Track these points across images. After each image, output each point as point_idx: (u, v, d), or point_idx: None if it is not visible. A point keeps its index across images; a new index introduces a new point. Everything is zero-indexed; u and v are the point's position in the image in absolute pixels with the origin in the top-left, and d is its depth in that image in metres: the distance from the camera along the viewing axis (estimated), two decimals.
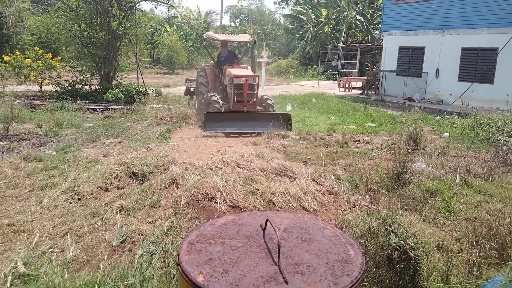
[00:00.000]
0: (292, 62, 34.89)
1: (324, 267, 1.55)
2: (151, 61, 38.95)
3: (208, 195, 5.54)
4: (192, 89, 13.58)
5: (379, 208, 5.25)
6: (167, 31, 38.36)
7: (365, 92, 20.88)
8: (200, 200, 5.45)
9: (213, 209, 5.26)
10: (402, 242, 3.14)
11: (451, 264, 3.57)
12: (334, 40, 33.03)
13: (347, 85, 22.42)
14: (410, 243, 3.15)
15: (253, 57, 11.34)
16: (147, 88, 16.21)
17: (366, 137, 10.03)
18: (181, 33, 38.74)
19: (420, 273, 3.20)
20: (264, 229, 1.79)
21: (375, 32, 30.69)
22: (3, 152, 7.82)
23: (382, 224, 3.49)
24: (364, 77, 22.86)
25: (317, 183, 6.23)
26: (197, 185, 5.77)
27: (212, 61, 12.09)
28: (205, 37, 11.82)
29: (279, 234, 1.60)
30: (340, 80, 24.05)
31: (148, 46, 33.62)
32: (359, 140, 9.55)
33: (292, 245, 1.71)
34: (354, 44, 28.31)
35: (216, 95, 10.52)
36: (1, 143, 8.49)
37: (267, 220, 1.75)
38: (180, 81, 25.83)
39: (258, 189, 5.82)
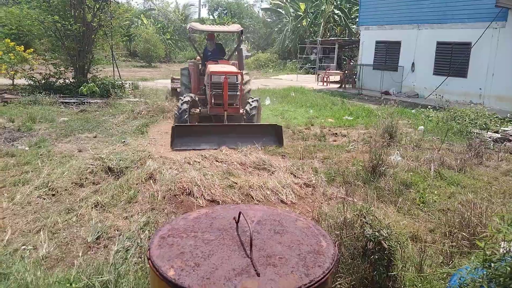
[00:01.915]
0: (271, 56, 34.88)
1: (296, 259, 1.56)
2: (128, 54, 38.28)
3: (186, 189, 5.51)
4: (178, 90, 12.45)
5: (355, 200, 5.32)
6: (144, 23, 37.77)
7: (343, 86, 21.08)
8: (177, 195, 5.41)
9: (191, 204, 5.23)
10: (376, 233, 3.19)
11: (425, 254, 3.66)
12: (312, 34, 33.16)
13: (325, 79, 22.57)
14: (384, 234, 3.20)
15: (240, 50, 9.72)
16: (123, 81, 15.93)
17: (343, 130, 10.13)
18: (159, 25, 38.20)
19: (394, 264, 3.26)
20: (237, 222, 1.79)
21: (353, 26, 30.97)
22: None
23: (357, 215, 3.54)
24: (342, 71, 23.05)
25: (295, 176, 6.27)
26: (175, 179, 5.73)
27: (198, 57, 10.79)
28: (188, 28, 10.26)
29: (252, 226, 1.60)
30: (319, 74, 24.19)
31: (124, 38, 32.98)
32: (336, 134, 9.64)
33: (265, 237, 1.71)
34: (332, 38, 28.49)
35: (190, 98, 8.83)
36: None
37: (240, 213, 1.75)
38: (157, 75, 25.50)
39: (236, 183, 5.82)
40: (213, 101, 8.75)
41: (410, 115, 12.67)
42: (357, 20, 23.13)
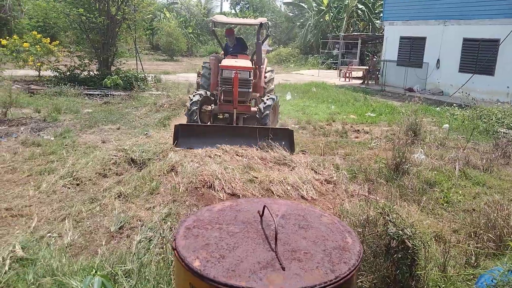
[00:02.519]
0: (293, 51, 34.66)
1: (321, 254, 1.54)
2: (150, 47, 38.67)
3: (207, 182, 5.53)
4: None
5: (377, 198, 5.25)
6: (167, 17, 38.02)
7: (366, 82, 20.81)
8: (198, 188, 5.45)
9: (212, 197, 5.26)
10: (400, 231, 3.14)
11: (449, 255, 3.58)
12: (335, 29, 32.78)
13: (347, 75, 22.33)
14: (408, 232, 3.14)
15: (259, 44, 8.77)
16: (146, 74, 16.11)
17: (366, 127, 10.00)
18: (181, 19, 38.42)
19: (417, 263, 3.20)
20: (261, 216, 1.78)
21: (377, 21, 30.47)
22: (1, 137, 7.79)
23: (380, 213, 3.49)
24: (365, 67, 22.76)
25: (316, 172, 6.23)
26: (196, 172, 5.76)
27: (222, 51, 10.18)
28: (211, 21, 9.66)
29: (277, 220, 1.58)
30: (341, 70, 23.95)
31: (147, 32, 33.33)
32: (358, 130, 9.53)
33: (289, 231, 1.70)
34: (355, 34, 28.11)
35: (200, 96, 8.19)
36: None
37: (264, 206, 1.74)
38: (179, 68, 25.69)
39: (256, 177, 5.82)
40: (222, 97, 8.11)
41: (434, 112, 12.42)
42: (381, 15, 22.74)
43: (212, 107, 8.34)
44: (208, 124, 8.21)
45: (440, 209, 5.25)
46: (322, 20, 33.24)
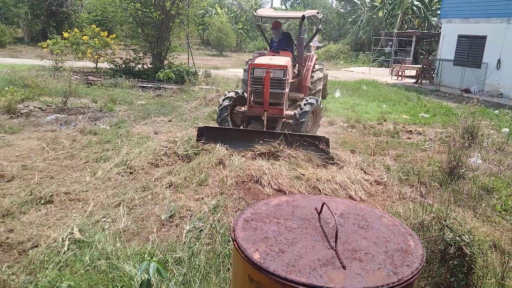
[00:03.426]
0: (343, 47, 34.03)
1: (383, 256, 1.50)
2: (201, 42, 39.38)
3: (254, 177, 5.56)
4: None
5: (430, 202, 5.05)
6: (218, 12, 38.53)
7: (419, 81, 20.06)
8: (245, 182, 5.48)
9: (258, 191, 5.28)
10: (457, 238, 3.00)
11: (508, 266, 3.38)
12: (388, 26, 31.82)
13: (400, 73, 21.61)
14: (465, 239, 3.00)
15: (300, 40, 7.86)
16: (196, 69, 16.43)
17: (419, 128, 9.64)
18: (232, 15, 38.80)
19: (474, 272, 3.05)
20: (319, 213, 1.76)
21: (433, 19, 29.24)
22: (61, 124, 8.24)
23: (435, 218, 3.35)
24: (419, 66, 21.92)
25: (365, 172, 6.08)
26: (243, 166, 5.81)
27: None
28: (254, 16, 8.93)
29: (336, 219, 1.56)
30: (393, 68, 23.22)
31: (199, 27, 33.96)
32: (411, 131, 9.20)
33: (349, 231, 1.67)
34: (410, 31, 27.10)
35: (235, 93, 7.69)
36: (60, 115, 8.95)
37: (323, 204, 1.72)
38: (228, 63, 25.98)
39: (303, 175, 5.77)
40: (252, 98, 7.27)
41: (492, 115, 11.74)
42: (439, 12, 21.77)
43: (225, 118, 7.49)
44: (231, 127, 7.37)
45: (498, 217, 4.97)
46: (375, 16, 32.39)
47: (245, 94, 7.62)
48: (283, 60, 7.47)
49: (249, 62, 8.13)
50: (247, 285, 1.46)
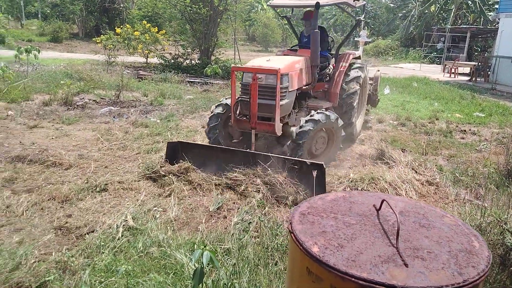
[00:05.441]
0: (392, 43, 33.05)
1: (446, 255, 1.45)
2: (246, 38, 39.63)
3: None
4: None
5: (486, 205, 4.81)
6: (264, 8, 38.57)
7: (474, 79, 19.11)
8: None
9: None
10: None
11: None
12: (441, 21, 30.53)
13: (453, 70, 20.69)
14: None
15: (314, 35, 6.05)
16: (242, 65, 16.56)
17: (473, 127, 9.20)
18: (278, 10, 38.68)
19: None
20: (378, 210, 1.72)
21: (490, 13, 27.72)
22: (114, 117, 8.59)
23: (494, 221, 3.19)
24: (473, 63, 20.88)
25: (416, 172, 5.88)
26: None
27: None
28: (270, 5, 7.16)
29: (397, 216, 1.52)
30: (445, 65, 22.27)
31: (246, 23, 34.18)
32: (465, 131, 8.79)
33: (410, 229, 1.62)
34: (464, 26, 25.86)
35: (226, 104, 6.23)
36: (113, 108, 9.33)
37: (383, 200, 1.68)
38: None
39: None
40: (237, 109, 5.78)
41: None
42: (496, 6, 20.60)
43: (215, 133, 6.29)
44: (211, 145, 6.00)
45: None
46: (427, 11, 31.17)
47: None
48: (283, 62, 5.83)
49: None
50: (304, 277, 1.46)
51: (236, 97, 5.77)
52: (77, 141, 6.78)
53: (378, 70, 9.08)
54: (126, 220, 4.08)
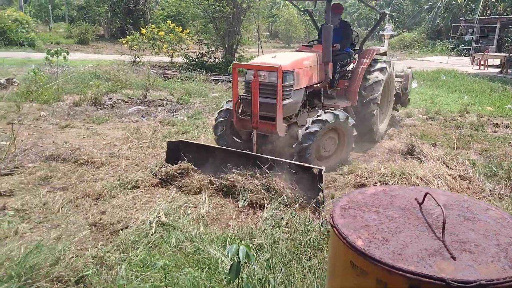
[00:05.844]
0: (418, 36, 32.31)
1: (495, 249, 1.42)
2: (269, 35, 39.56)
3: None
4: None
5: None
6: (286, 4, 38.40)
7: (505, 71, 18.51)
8: None
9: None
10: None
11: None
12: (468, 12, 29.66)
13: (482, 63, 20.10)
14: None
15: (327, 30, 5.72)
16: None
17: (506, 120, 8.92)
18: (300, 6, 38.46)
19: None
20: (421, 203, 1.70)
21: None
22: (142, 116, 8.74)
23: None
24: (504, 54, 20.22)
25: (448, 167, 5.75)
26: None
27: None
28: None
29: (443, 209, 1.50)
30: (474, 57, 21.65)
31: (269, 19, 34.12)
32: (497, 124, 8.54)
33: (454, 222, 1.60)
34: (493, 17, 25.03)
35: (229, 107, 6.08)
36: (141, 107, 9.49)
37: (426, 193, 1.66)
38: None
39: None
40: (239, 108, 5.73)
41: None
42: None
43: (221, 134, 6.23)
44: (210, 145, 5.75)
45: None
46: (453, 2, 30.35)
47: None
48: (289, 58, 5.58)
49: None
50: (348, 271, 1.45)
51: (239, 95, 5.64)
52: (107, 140, 6.93)
53: (409, 67, 8.79)
54: (159, 216, 4.15)
